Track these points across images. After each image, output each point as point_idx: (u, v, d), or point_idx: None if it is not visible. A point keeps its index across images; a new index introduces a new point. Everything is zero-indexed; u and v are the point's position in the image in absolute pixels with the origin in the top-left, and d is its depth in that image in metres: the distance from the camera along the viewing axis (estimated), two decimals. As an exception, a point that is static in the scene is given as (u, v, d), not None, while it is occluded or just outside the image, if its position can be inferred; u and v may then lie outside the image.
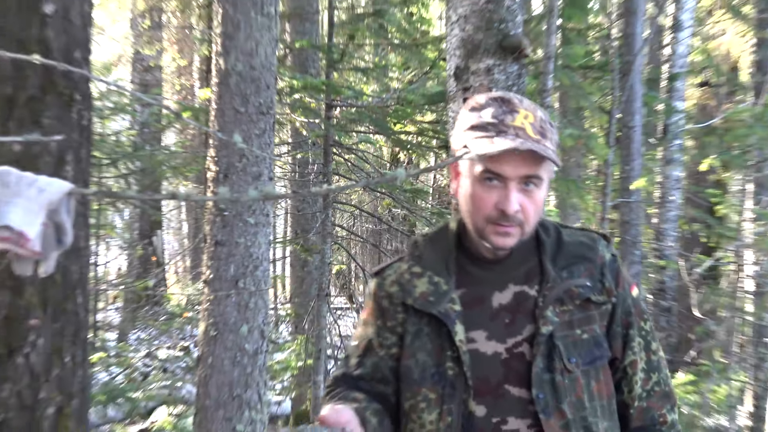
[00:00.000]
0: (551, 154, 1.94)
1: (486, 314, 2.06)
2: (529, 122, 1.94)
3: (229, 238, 5.47)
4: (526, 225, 2.00)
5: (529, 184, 1.97)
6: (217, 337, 5.44)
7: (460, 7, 5.92)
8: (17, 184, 1.80)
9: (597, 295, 2.05)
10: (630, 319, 2.12)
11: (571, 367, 1.98)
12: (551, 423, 1.93)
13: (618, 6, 9.85)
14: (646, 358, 2.12)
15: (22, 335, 2.99)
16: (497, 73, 5.39)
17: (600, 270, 2.08)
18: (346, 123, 9.00)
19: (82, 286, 3.24)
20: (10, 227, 1.74)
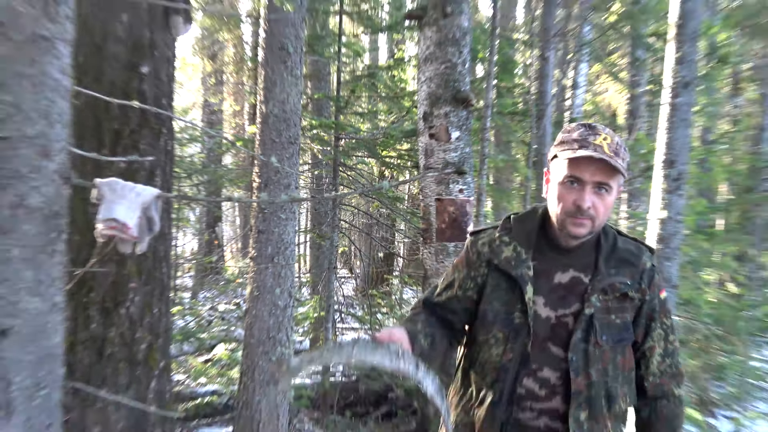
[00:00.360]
0: (620, 166, 2.16)
1: (547, 286, 2.33)
2: (607, 143, 2.17)
3: (267, 228, 5.76)
4: (597, 220, 2.24)
5: (601, 189, 2.21)
6: (258, 296, 5.71)
7: (427, 71, 7.12)
8: (122, 190, 2.18)
9: (633, 292, 2.31)
10: (654, 315, 2.35)
11: (601, 342, 2.25)
12: (578, 381, 2.23)
13: (535, 71, 10.02)
14: (664, 346, 2.36)
15: (124, 294, 3.21)
16: (452, 117, 7.01)
17: (640, 274, 2.33)
18: (348, 150, 9.48)
19: (166, 260, 3.45)
20: (116, 219, 2.13)
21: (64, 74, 2.07)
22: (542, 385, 2.29)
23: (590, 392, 2.25)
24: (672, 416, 2.38)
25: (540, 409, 2.29)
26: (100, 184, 2.06)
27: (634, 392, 2.36)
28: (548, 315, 2.30)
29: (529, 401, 2.30)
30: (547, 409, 2.29)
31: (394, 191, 10.72)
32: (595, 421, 2.24)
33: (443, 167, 7.09)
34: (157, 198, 2.28)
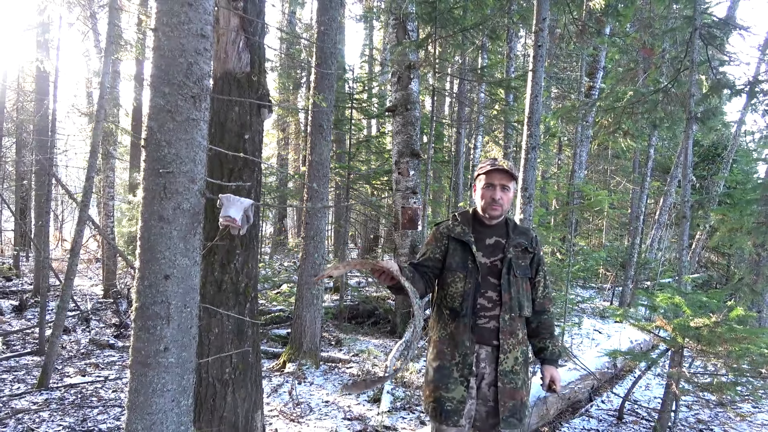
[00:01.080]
0: (515, 172, 2.26)
1: (482, 246, 2.31)
2: (505, 164, 2.26)
3: (311, 221, 5.70)
4: (504, 206, 2.28)
5: (504, 189, 2.26)
6: (305, 258, 5.67)
7: (397, 138, 7.84)
8: (233, 200, 2.10)
9: (529, 248, 2.35)
10: (540, 263, 2.40)
11: (516, 274, 2.28)
12: (505, 296, 2.24)
13: (453, 139, 10.37)
14: (543, 282, 2.41)
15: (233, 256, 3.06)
16: (410, 163, 7.33)
17: (531, 240, 2.37)
18: (355, 180, 9.54)
19: (256, 238, 3.26)
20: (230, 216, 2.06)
21: (203, 139, 2.06)
22: (488, 300, 2.27)
23: (511, 303, 2.26)
24: (549, 324, 2.44)
25: (489, 315, 2.27)
26: (221, 197, 2.06)
27: (531, 306, 2.36)
28: (485, 261, 2.30)
29: (482, 312, 2.27)
30: (493, 315, 2.27)
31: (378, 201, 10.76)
32: (513, 320, 2.28)
33: (405, 190, 7.14)
34: (252, 205, 2.24)
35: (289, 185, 12.05)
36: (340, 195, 10.31)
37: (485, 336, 2.28)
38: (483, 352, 2.29)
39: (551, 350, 2.44)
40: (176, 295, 1.98)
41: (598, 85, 10.27)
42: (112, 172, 9.95)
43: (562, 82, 13.25)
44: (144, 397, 1.94)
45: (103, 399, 4.55)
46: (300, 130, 14.44)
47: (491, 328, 2.27)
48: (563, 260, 7.56)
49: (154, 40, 2.04)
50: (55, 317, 4.92)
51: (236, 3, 3.28)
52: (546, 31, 4.50)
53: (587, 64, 10.49)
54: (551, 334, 2.44)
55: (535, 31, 4.47)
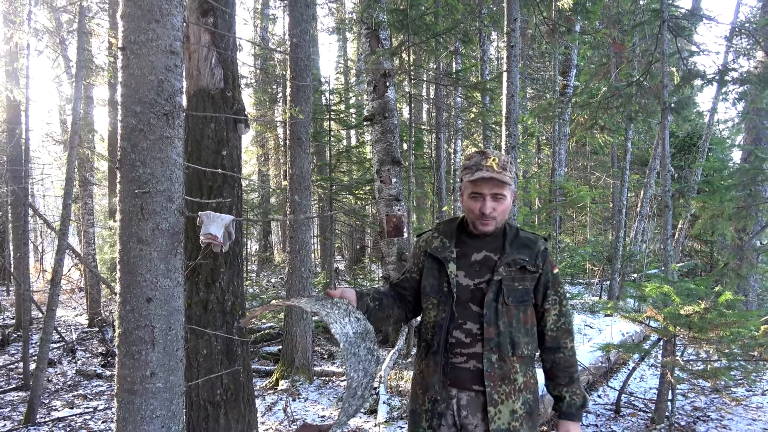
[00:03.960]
0: (507, 179, 1.80)
1: (466, 263, 1.90)
2: (495, 163, 1.81)
3: (295, 234, 5.61)
4: (498, 219, 1.86)
5: (497, 198, 1.83)
6: (292, 273, 5.56)
7: (377, 147, 7.73)
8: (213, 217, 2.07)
9: (530, 266, 1.87)
10: (548, 285, 1.90)
11: (507, 302, 1.82)
12: (490, 330, 1.80)
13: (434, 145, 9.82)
14: (558, 309, 1.90)
15: (218, 274, 3.00)
16: (392, 171, 7.11)
17: (536, 254, 1.89)
18: (337, 191, 9.37)
19: (240, 255, 3.20)
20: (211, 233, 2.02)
21: (179, 156, 2.02)
22: (467, 334, 1.84)
23: (499, 339, 1.81)
24: (567, 365, 1.91)
25: (467, 353, 1.84)
26: (200, 214, 2.01)
27: (535, 342, 1.90)
28: (467, 283, 1.87)
29: (458, 348, 1.85)
30: (472, 354, 1.84)
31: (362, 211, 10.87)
32: (503, 361, 1.81)
33: (388, 198, 7.12)
34: (233, 221, 2.20)
35: (272, 201, 11.97)
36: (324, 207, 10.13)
37: (462, 379, 1.85)
38: (464, 398, 1.85)
39: (569, 401, 1.90)
40: (160, 317, 1.93)
41: (571, 82, 10.40)
42: (91, 199, 9.79)
43: (536, 82, 13.44)
44: (133, 426, 1.88)
45: (93, 431, 4.43)
46: (279, 145, 14.40)
47: (471, 369, 1.84)
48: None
49: (123, 59, 2.01)
50: (39, 350, 4.79)
51: (206, 19, 3.25)
52: (518, 32, 4.54)
53: (560, 62, 10.63)
54: (570, 378, 1.91)
55: (507, 32, 4.51)
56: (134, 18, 1.94)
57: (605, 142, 11.36)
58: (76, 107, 5.03)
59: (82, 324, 9.27)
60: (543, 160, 14.53)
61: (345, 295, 1.82)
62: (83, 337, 8.14)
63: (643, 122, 8.70)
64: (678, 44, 5.56)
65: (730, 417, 4.26)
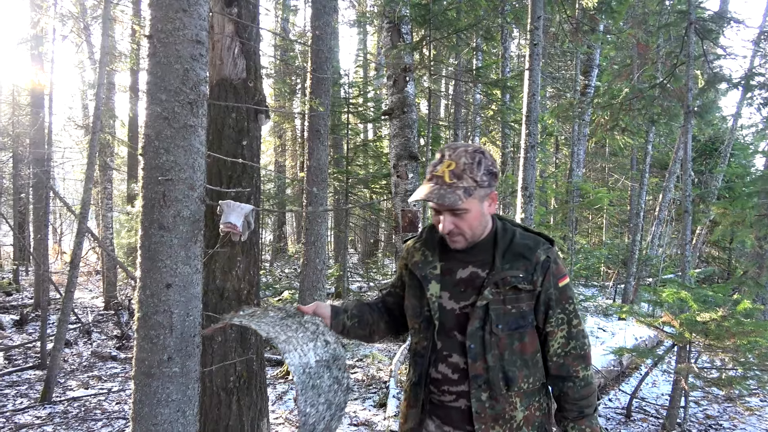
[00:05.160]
0: (455, 196, 1.43)
1: (451, 282, 1.57)
2: (450, 170, 1.44)
3: (311, 227, 5.50)
4: (467, 234, 1.52)
5: (455, 214, 1.48)
6: (307, 264, 5.47)
7: (395, 142, 7.66)
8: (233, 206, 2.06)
9: (524, 284, 1.50)
10: (551, 303, 1.53)
11: (496, 330, 1.49)
12: (476, 366, 1.50)
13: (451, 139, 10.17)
14: (567, 330, 1.55)
15: (234, 262, 3.02)
16: (409, 166, 7.17)
17: (534, 267, 1.51)
18: (353, 184, 9.54)
19: (257, 245, 3.20)
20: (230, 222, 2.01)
21: (201, 145, 2.04)
22: (454, 369, 1.55)
23: (488, 375, 1.51)
24: (578, 397, 1.57)
25: (457, 392, 1.56)
26: (221, 203, 2.02)
27: (541, 371, 1.58)
28: (452, 307, 1.56)
29: (446, 385, 1.57)
30: (461, 392, 1.55)
31: (378, 205, 10.70)
32: (495, 400, 1.51)
33: (404, 194, 7.11)
34: (252, 210, 2.21)
35: (287, 192, 12.01)
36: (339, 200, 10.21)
37: (454, 419, 1.58)
38: None
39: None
40: (178, 303, 1.95)
41: (593, 83, 10.27)
42: (110, 184, 9.92)
43: (557, 81, 13.29)
44: (149, 408, 1.91)
45: (107, 411, 4.51)
46: (296, 136, 14.47)
47: (462, 408, 1.56)
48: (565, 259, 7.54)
49: (149, 47, 2.03)
50: (57, 331, 4.88)
51: (230, 9, 3.27)
52: (541, 30, 4.50)
53: (582, 62, 10.49)
54: (581, 413, 1.58)
55: (530, 29, 4.47)
56: (162, 6, 1.96)
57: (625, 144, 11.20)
58: (99, 93, 5.08)
59: (98, 306, 9.42)
60: (561, 160, 14.37)
61: (318, 312, 1.62)
62: (99, 320, 8.27)
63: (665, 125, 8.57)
64: (704, 47, 5.46)
65: (743, 427, 4.21)
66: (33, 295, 9.71)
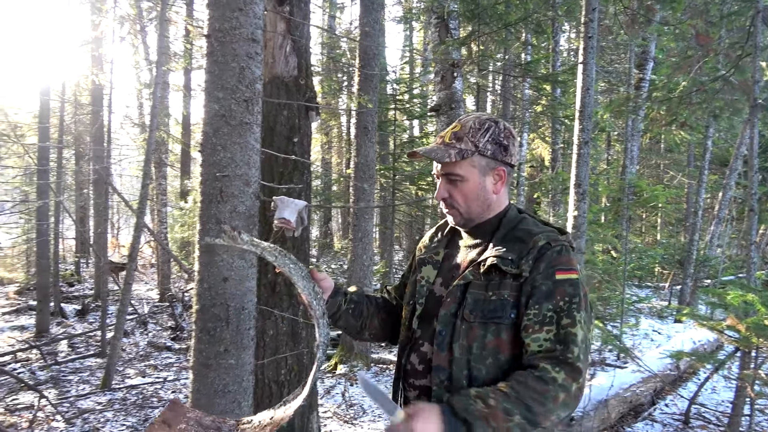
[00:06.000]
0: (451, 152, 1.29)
1: (447, 267, 1.40)
2: (453, 131, 1.33)
3: (358, 223, 5.66)
4: (461, 208, 1.34)
5: (450, 180, 1.33)
6: (354, 260, 5.64)
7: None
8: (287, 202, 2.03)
9: (510, 267, 1.24)
10: (534, 292, 1.22)
11: (469, 317, 1.25)
12: (442, 356, 1.27)
13: None
14: (555, 330, 1.19)
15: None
16: None
17: (528, 251, 1.24)
18: (399, 181, 9.41)
19: (307, 240, 3.32)
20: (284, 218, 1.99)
21: (256, 142, 2.07)
22: (421, 360, 1.36)
23: (451, 369, 1.26)
24: (524, 381, 1.16)
25: (419, 386, 1.36)
26: (275, 199, 2.05)
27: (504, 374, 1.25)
28: (441, 293, 1.37)
29: (412, 377, 1.38)
30: (423, 387, 1.34)
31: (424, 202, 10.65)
32: None
33: (451, 190, 7.09)
34: (306, 206, 2.23)
35: (333, 188, 12.13)
36: (385, 197, 10.20)
37: None
38: None
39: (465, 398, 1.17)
40: (234, 297, 2.00)
41: (648, 76, 9.87)
42: (165, 180, 10.27)
43: (610, 74, 12.87)
44: (206, 398, 1.96)
45: (163, 399, 4.68)
46: (342, 133, 14.57)
47: None
48: (616, 258, 7.31)
49: (207, 46, 2.07)
50: (116, 321, 5.10)
51: (283, 7, 3.31)
52: (596, 22, 4.37)
53: (636, 55, 10.12)
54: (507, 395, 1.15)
55: (585, 22, 4.34)
56: (219, 6, 2.00)
57: (682, 139, 10.76)
58: (155, 92, 5.26)
59: (153, 298, 9.78)
60: (613, 157, 13.95)
61: (322, 283, 1.45)
62: (154, 311, 8.58)
63: (726, 120, 8.17)
64: (772, 36, 5.18)
65: (812, 438, 3.99)
66: (93, 286, 10.17)
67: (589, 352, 1.26)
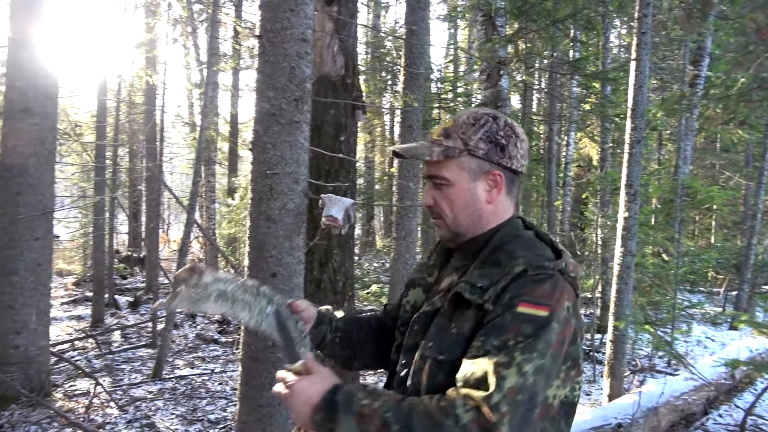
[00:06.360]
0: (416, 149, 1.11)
1: (436, 290, 1.16)
2: (444, 127, 1.12)
3: (402, 222, 5.37)
4: (447, 218, 1.11)
5: (437, 184, 1.09)
6: (398, 258, 5.29)
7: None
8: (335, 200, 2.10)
9: (472, 294, 1.00)
10: (488, 325, 0.96)
11: (425, 351, 1.04)
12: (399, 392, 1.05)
13: (545, 136, 10.09)
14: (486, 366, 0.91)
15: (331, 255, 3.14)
16: None
17: (502, 278, 0.99)
18: None
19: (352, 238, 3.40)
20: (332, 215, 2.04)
21: (305, 140, 2.10)
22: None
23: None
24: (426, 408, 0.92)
25: None
26: (323, 197, 2.08)
27: None
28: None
29: None
30: None
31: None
32: None
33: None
34: (353, 204, 2.24)
35: (376, 187, 12.17)
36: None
37: None
38: None
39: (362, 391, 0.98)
40: (282, 292, 2.03)
41: (703, 73, 9.47)
42: (213, 177, 10.56)
43: (662, 71, 12.42)
44: (254, 390, 2.01)
45: (211, 390, 4.81)
46: (386, 132, 14.57)
47: None
48: (669, 261, 7.07)
49: (259, 46, 2.12)
50: (166, 313, 5.27)
51: (331, 7, 3.35)
52: (650, 17, 4.24)
53: (691, 51, 9.73)
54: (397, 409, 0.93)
55: (638, 17, 4.22)
56: (272, 7, 2.04)
57: (740, 139, 10.29)
58: (206, 92, 5.41)
59: (201, 292, 10.04)
60: (664, 157, 13.47)
61: (303, 315, 1.24)
62: (202, 305, 8.83)
63: (790, 118, 7.78)
64: (842, 29, 4.89)
65: None
66: (144, 279, 10.56)
67: (533, 410, 0.93)
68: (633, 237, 4.09)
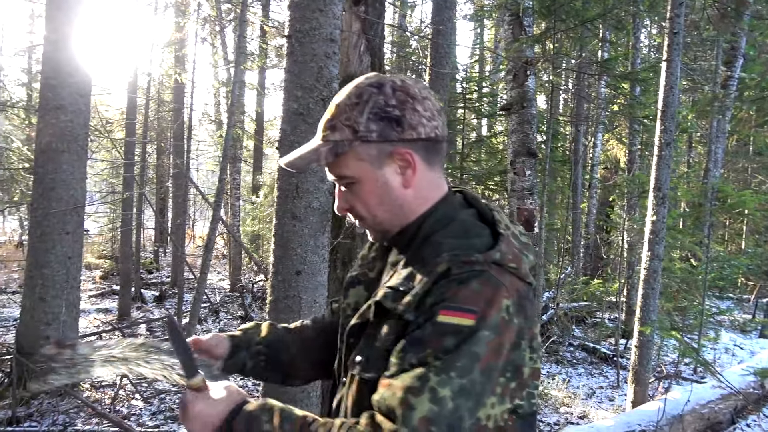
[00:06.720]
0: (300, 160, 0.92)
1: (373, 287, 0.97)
2: (327, 118, 0.92)
3: None
4: (366, 220, 0.93)
5: (346, 184, 0.92)
6: None
7: (513, 138, 7.68)
8: None
9: (392, 302, 0.84)
10: (408, 337, 0.80)
11: (353, 369, 0.89)
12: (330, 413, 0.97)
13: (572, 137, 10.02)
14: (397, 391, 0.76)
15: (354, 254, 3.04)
16: (527, 163, 7.40)
17: (423, 279, 0.82)
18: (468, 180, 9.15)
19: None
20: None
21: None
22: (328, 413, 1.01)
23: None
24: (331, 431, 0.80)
25: None
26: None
27: None
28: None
29: None
30: None
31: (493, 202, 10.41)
32: None
33: (521, 191, 6.92)
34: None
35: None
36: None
37: None
38: None
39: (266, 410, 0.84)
40: (306, 290, 2.05)
41: (736, 74, 9.26)
42: (238, 175, 10.68)
43: (693, 72, 12.17)
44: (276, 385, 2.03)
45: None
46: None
47: None
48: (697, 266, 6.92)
49: (288, 46, 2.14)
50: (191, 308, 5.35)
51: (358, 7, 3.36)
52: (682, 17, 4.15)
53: (723, 51, 9.51)
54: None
55: (670, 17, 4.14)
56: (301, 7, 2.06)
57: (774, 142, 10.05)
58: (234, 90, 5.46)
59: (225, 288, 10.20)
60: (694, 159, 13.21)
61: (213, 351, 1.12)
62: (225, 300, 8.96)
63: (827, 121, 7.56)
64: None
65: None
66: (170, 274, 10.74)
67: None
68: (661, 241, 4.02)
